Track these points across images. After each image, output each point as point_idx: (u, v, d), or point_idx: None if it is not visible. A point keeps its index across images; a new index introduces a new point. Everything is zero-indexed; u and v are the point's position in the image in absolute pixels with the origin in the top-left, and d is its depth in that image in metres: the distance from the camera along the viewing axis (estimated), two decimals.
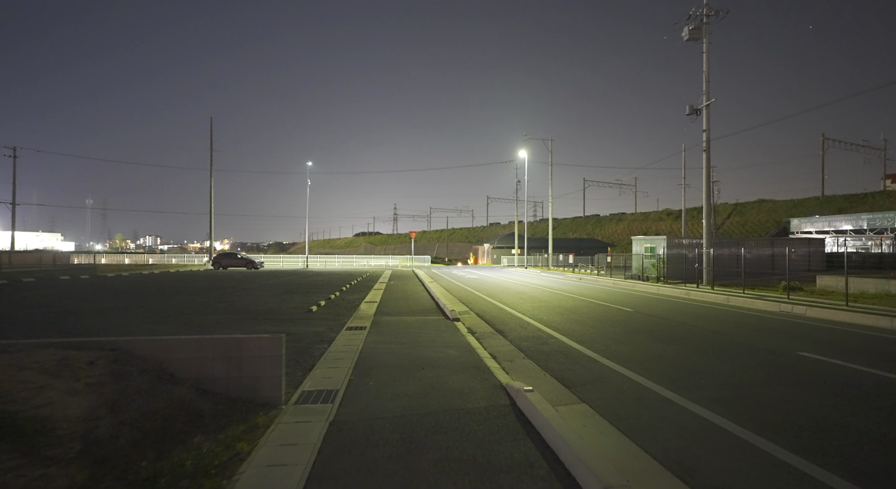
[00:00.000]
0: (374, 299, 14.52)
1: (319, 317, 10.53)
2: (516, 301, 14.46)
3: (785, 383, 5.56)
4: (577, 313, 11.62)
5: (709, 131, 21.39)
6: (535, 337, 8.50)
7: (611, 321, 10.36)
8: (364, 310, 11.98)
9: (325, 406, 4.52)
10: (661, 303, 14.06)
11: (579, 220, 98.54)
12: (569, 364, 6.45)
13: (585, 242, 66.38)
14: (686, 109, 22.03)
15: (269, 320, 10.03)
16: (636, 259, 26.11)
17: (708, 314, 11.74)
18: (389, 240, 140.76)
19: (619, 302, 14.33)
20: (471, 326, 9.61)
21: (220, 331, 8.55)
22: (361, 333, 8.52)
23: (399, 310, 11.91)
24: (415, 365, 6.11)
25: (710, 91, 21.23)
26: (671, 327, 9.67)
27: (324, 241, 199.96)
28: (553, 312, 11.78)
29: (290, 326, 9.20)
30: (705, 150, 21.46)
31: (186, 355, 4.34)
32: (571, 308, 12.70)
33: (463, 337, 8.24)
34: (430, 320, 10.25)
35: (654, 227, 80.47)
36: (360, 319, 10.27)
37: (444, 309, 11.91)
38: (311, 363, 6.25)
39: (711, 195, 21.48)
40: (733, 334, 8.86)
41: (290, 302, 13.59)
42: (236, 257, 37.65)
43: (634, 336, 8.60)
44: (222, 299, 14.14)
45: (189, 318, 10.06)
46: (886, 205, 54.83)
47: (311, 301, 13.72)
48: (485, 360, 6.42)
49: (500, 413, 4.35)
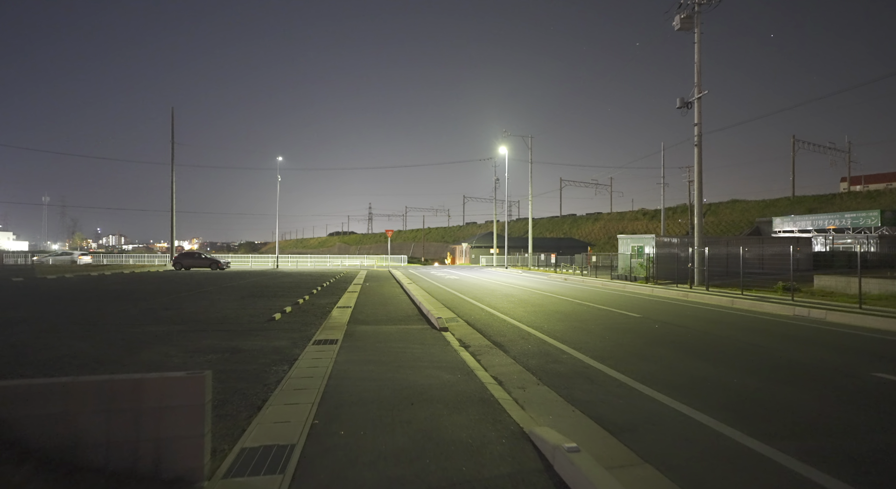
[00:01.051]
0: (348, 304, 12.94)
1: (283, 328, 8.92)
2: (507, 305, 13.10)
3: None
4: (579, 320, 10.32)
5: (700, 125, 20.54)
6: (543, 352, 7.12)
7: (621, 329, 9.08)
8: (336, 317, 10.41)
9: (271, 479, 3.01)
10: (664, 307, 12.93)
11: (556, 219, 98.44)
12: (598, 392, 5.08)
13: (564, 242, 65.89)
14: (676, 103, 21.13)
15: (220, 332, 8.36)
16: (622, 259, 25.19)
17: (721, 319, 10.61)
18: (364, 239, 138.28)
19: (618, 305, 13.13)
20: (462, 337, 8.18)
21: (151, 348, 6.86)
22: (332, 349, 6.98)
23: (377, 318, 10.39)
24: (400, 397, 4.64)
25: (701, 83, 20.38)
26: (694, 337, 8.45)
27: (296, 241, 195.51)
28: (552, 319, 10.46)
29: (245, 340, 7.58)
30: (697, 145, 20.60)
31: (46, 409, 2.76)
32: (571, 313, 11.41)
33: (455, 353, 6.80)
34: (413, 330, 8.77)
35: (630, 226, 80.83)
36: (331, 330, 8.70)
37: (428, 316, 10.45)
38: (264, 396, 4.70)
39: (702, 192, 20.68)
40: (774, 348, 7.66)
41: (251, 308, 11.88)
42: (200, 257, 35.23)
43: (657, 349, 7.31)
44: (171, 305, 12.31)
45: (119, 332, 8.30)
46: (853, 205, 56.01)
47: (275, 306, 12.05)
48: (489, 388, 4.99)
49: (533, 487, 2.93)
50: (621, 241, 25.92)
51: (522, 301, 14.17)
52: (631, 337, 8.30)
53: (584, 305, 13.11)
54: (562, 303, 13.76)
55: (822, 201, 60.58)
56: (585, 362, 6.42)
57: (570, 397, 4.87)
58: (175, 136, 37.19)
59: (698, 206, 20.90)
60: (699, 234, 20.62)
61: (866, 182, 70.13)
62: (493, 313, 11.39)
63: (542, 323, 9.85)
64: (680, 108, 21.05)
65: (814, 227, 28.24)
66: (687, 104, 20.92)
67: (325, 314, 10.90)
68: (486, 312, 11.58)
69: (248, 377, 5.40)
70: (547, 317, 10.60)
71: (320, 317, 10.31)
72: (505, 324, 9.81)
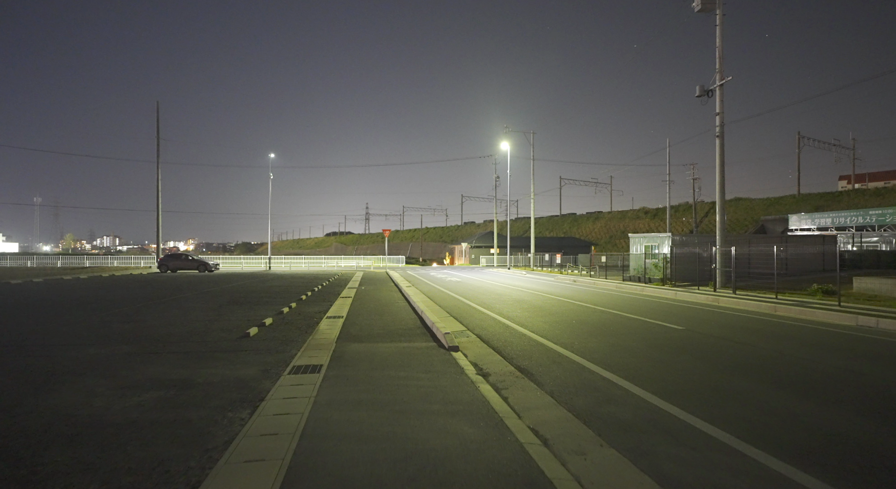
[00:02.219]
0: (340, 313, 11.32)
1: (257, 347, 7.29)
2: (521, 313, 11.50)
3: None
4: (612, 334, 8.73)
5: (723, 115, 19.00)
6: (586, 384, 5.52)
7: (671, 348, 7.49)
8: (324, 331, 8.79)
9: None
10: (701, 315, 11.36)
11: (555, 218, 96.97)
12: (694, 461, 3.47)
13: (567, 241, 64.42)
14: (696, 91, 19.60)
15: (176, 354, 6.73)
16: (634, 259, 23.65)
17: (782, 333, 9.03)
18: (361, 239, 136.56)
19: (648, 313, 11.56)
20: (478, 360, 6.58)
21: (74, 383, 5.18)
22: (313, 380, 5.37)
23: (372, 332, 8.77)
24: (403, 479, 3.03)
25: (723, 69, 18.84)
26: (769, 361, 6.86)
27: (293, 242, 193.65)
28: (580, 332, 8.87)
29: (204, 367, 5.95)
30: (719, 135, 19.05)
31: None
32: (599, 325, 9.82)
33: (473, 385, 5.20)
34: (416, 350, 7.16)
35: (632, 225, 79.40)
36: (315, 350, 7.09)
37: (432, 329, 8.85)
38: (196, 477, 3.09)
39: (724, 187, 19.14)
40: (879, 375, 6.10)
41: (225, 318, 10.24)
42: (187, 259, 33.47)
43: (734, 380, 5.71)
44: (134, 316, 10.66)
45: (45, 357, 6.66)
46: (860, 203, 54.73)
47: (255, 317, 10.42)
48: (533, 455, 3.39)
49: None
50: (633, 241, 24.36)
51: (537, 308, 12.57)
52: (689, 360, 6.70)
53: (610, 313, 11.51)
54: (582, 310, 12.16)
55: (829, 199, 59.34)
56: (650, 402, 4.82)
57: (657, 472, 3.27)
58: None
59: (720, 201, 19.34)
60: (721, 231, 19.08)
61: (860, 180, 68.95)
62: (507, 325, 9.78)
63: (569, 338, 8.25)
64: (699, 96, 19.50)
65: (833, 224, 26.77)
66: (707, 92, 19.38)
67: (312, 327, 9.28)
68: (500, 323, 9.98)
69: (187, 434, 3.79)
70: (572, 330, 9.01)
71: (305, 332, 8.69)
72: (525, 339, 8.20)
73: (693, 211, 60.39)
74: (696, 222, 60.40)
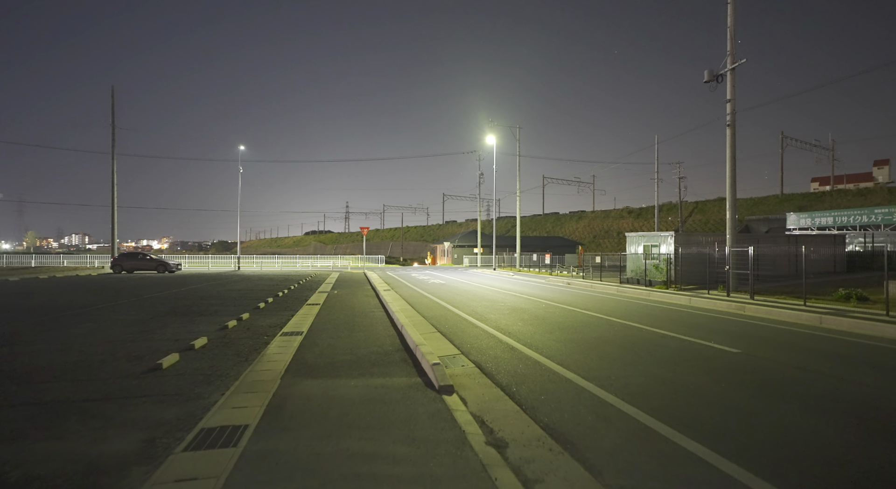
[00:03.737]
0: (299, 328, 9.06)
1: (161, 389, 5.03)
2: (524, 328, 9.42)
3: None
4: (657, 362, 6.69)
5: (734, 101, 17.29)
6: (673, 468, 3.43)
7: (748, 385, 5.45)
8: (271, 357, 6.55)
9: None
10: (741, 330, 9.45)
11: (538, 217, 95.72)
12: None
13: (552, 241, 62.92)
14: (704, 76, 17.86)
15: (21, 407, 4.44)
16: (632, 260, 21.85)
17: (878, 360, 7.15)
18: (341, 238, 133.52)
19: (678, 328, 9.60)
20: (483, 412, 4.45)
21: None
22: (217, 470, 3.17)
23: (335, 357, 6.57)
24: None
25: (735, 51, 17.13)
26: (884, 402, 4.91)
27: (270, 240, 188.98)
28: (610, 358, 6.82)
29: (43, 438, 3.69)
30: (729, 124, 17.34)
31: None
32: (629, 346, 7.79)
33: (487, 477, 3.09)
34: (392, 391, 5.00)
35: (615, 224, 78.56)
36: (246, 395, 4.87)
37: (415, 352, 6.71)
38: None
39: (735, 181, 17.45)
40: None
41: (146, 338, 7.89)
42: (144, 258, 30.48)
43: (882, 451, 3.71)
44: (22, 337, 8.21)
45: None
46: (843, 203, 54.59)
47: (187, 334, 8.10)
48: None
49: None
50: (630, 240, 22.57)
51: (540, 319, 10.51)
52: (802, 415, 4.67)
53: (631, 327, 9.52)
54: (596, 323, 10.15)
55: (812, 199, 59.25)
56: None
57: None
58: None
59: (731, 196, 17.63)
60: (732, 230, 17.40)
61: (835, 182, 69.26)
62: (511, 345, 7.67)
63: (600, 368, 6.18)
64: (708, 81, 17.76)
65: (835, 223, 25.52)
66: (717, 77, 17.64)
67: (258, 350, 7.03)
68: (501, 343, 7.86)
69: None
70: (598, 355, 6.95)
71: (244, 359, 6.44)
72: (542, 371, 6.10)
73: (679, 210, 59.53)
74: (681, 221, 59.60)
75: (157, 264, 29.91)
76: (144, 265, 29.91)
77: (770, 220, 52.63)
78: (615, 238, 73.34)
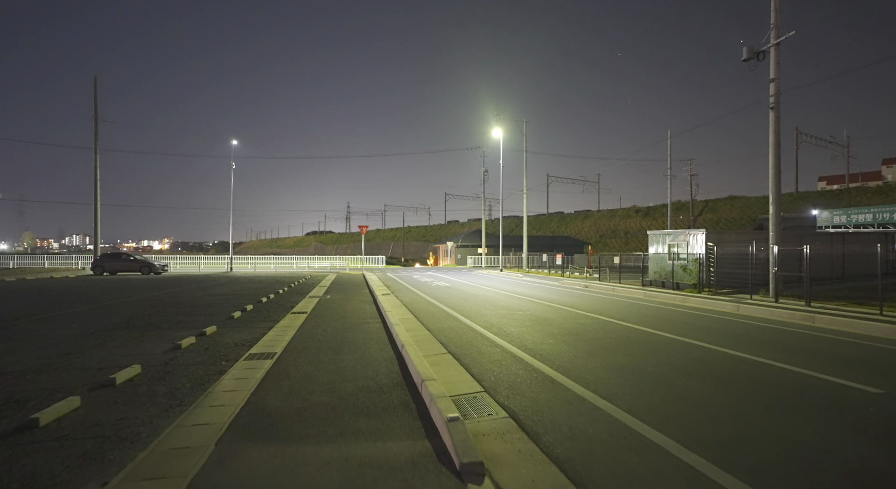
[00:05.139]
0: (272, 348, 7.10)
1: (7, 472, 3.08)
2: (560, 349, 7.44)
3: None
4: (772, 410, 4.73)
5: (778, 81, 15.30)
6: None
7: None
8: (218, 399, 4.60)
9: None
10: (845, 352, 7.46)
11: (543, 217, 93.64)
12: None
13: (559, 240, 60.88)
14: (742, 53, 15.87)
15: None
16: (655, 261, 19.87)
17: None
18: (341, 238, 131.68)
19: (761, 351, 7.62)
20: None
21: None
22: None
23: (308, 399, 4.62)
24: None
25: (780, 23, 15.14)
26: None
27: (271, 241, 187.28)
28: (696, 399, 4.86)
29: None
30: (773, 107, 15.35)
31: None
32: (711, 378, 5.82)
33: None
34: (385, 470, 3.04)
35: (622, 224, 76.51)
36: (142, 485, 2.91)
37: (420, 390, 4.75)
38: None
39: (779, 169, 15.47)
40: None
41: (60, 366, 5.94)
42: (128, 259, 28.52)
43: None
44: None
45: None
46: (863, 200, 52.54)
47: (120, 359, 6.16)
48: None
49: None
50: (653, 238, 20.58)
51: (573, 334, 8.54)
52: None
53: (698, 348, 7.54)
54: (645, 340, 8.17)
55: (829, 197, 57.26)
56: None
57: None
58: (97, 111, 30.46)
59: (774, 189, 15.63)
60: (776, 226, 15.41)
61: (838, 181, 67.08)
62: (553, 378, 5.68)
63: (698, 421, 4.20)
64: (748, 59, 15.77)
65: (875, 220, 23.46)
66: (758, 54, 15.65)
67: (204, 385, 5.09)
68: (536, 374, 5.88)
69: None
70: (680, 395, 4.98)
71: (177, 403, 4.49)
72: (611, 427, 4.13)
73: (690, 208, 57.49)
74: (692, 220, 57.59)
75: (141, 265, 27.98)
76: (128, 266, 27.97)
77: (785, 219, 50.66)
78: (622, 237, 71.34)
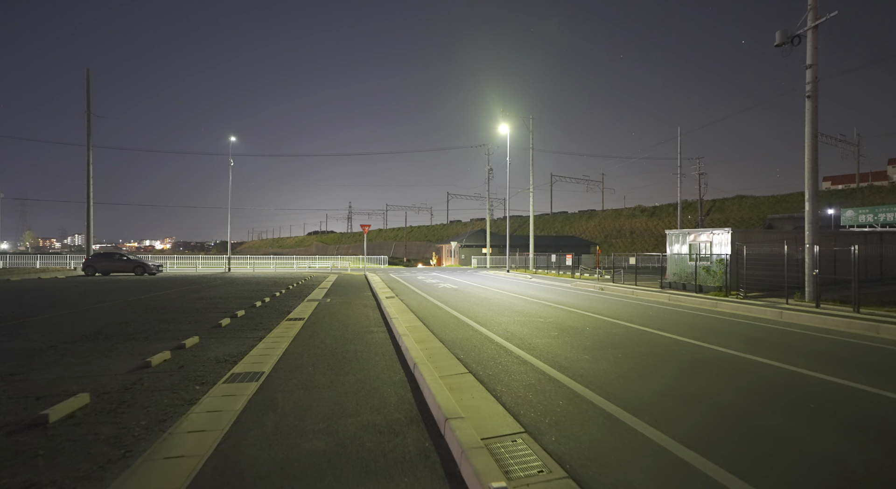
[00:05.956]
0: (260, 366, 5.96)
1: None
2: (601, 367, 6.29)
3: None
4: None
5: (815, 68, 14.12)
6: None
7: None
8: (177, 445, 3.42)
9: None
10: None
11: (547, 216, 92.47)
12: None
13: (564, 240, 59.68)
14: (776, 38, 14.70)
15: None
16: (674, 261, 18.70)
17: None
18: (343, 238, 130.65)
19: (825, 367, 6.47)
20: None
21: None
22: None
23: (296, 447, 3.46)
24: None
25: (818, 5, 13.95)
26: None
27: (272, 241, 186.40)
28: (816, 453, 3.71)
29: None
30: (809, 95, 14.17)
31: None
32: (825, 415, 4.67)
33: None
34: None
35: (627, 224, 75.30)
36: None
37: (444, 431, 3.57)
38: None
39: (817, 163, 14.29)
40: None
41: (0, 391, 4.83)
42: (121, 259, 27.44)
43: None
44: None
45: None
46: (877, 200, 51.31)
47: (72, 382, 5.03)
48: None
49: None
50: (672, 238, 19.40)
51: (611, 347, 7.37)
52: None
53: (761, 365, 6.38)
54: (703, 356, 7.02)
55: (842, 196, 56.05)
56: None
57: None
58: (90, 106, 29.39)
59: (811, 184, 14.44)
60: (813, 224, 14.22)
61: (843, 181, 65.95)
62: (607, 412, 4.52)
63: None
64: (781, 44, 14.60)
65: None
66: (792, 38, 14.47)
67: (165, 423, 3.94)
68: (584, 403, 4.73)
69: None
70: (794, 447, 3.84)
71: (121, 453, 3.33)
72: None
73: (699, 207, 56.21)
74: (700, 219, 56.35)
75: (134, 265, 26.88)
76: (120, 266, 26.88)
77: (795, 219, 49.58)
78: (628, 237, 70.17)
